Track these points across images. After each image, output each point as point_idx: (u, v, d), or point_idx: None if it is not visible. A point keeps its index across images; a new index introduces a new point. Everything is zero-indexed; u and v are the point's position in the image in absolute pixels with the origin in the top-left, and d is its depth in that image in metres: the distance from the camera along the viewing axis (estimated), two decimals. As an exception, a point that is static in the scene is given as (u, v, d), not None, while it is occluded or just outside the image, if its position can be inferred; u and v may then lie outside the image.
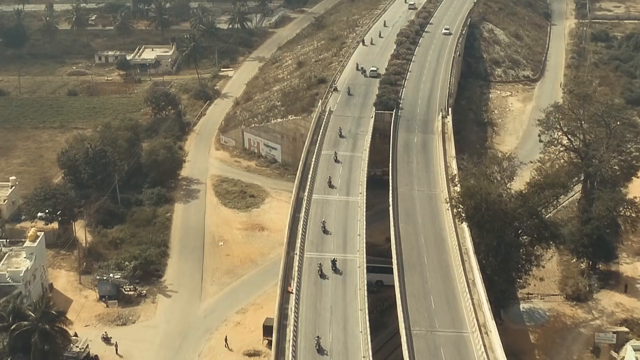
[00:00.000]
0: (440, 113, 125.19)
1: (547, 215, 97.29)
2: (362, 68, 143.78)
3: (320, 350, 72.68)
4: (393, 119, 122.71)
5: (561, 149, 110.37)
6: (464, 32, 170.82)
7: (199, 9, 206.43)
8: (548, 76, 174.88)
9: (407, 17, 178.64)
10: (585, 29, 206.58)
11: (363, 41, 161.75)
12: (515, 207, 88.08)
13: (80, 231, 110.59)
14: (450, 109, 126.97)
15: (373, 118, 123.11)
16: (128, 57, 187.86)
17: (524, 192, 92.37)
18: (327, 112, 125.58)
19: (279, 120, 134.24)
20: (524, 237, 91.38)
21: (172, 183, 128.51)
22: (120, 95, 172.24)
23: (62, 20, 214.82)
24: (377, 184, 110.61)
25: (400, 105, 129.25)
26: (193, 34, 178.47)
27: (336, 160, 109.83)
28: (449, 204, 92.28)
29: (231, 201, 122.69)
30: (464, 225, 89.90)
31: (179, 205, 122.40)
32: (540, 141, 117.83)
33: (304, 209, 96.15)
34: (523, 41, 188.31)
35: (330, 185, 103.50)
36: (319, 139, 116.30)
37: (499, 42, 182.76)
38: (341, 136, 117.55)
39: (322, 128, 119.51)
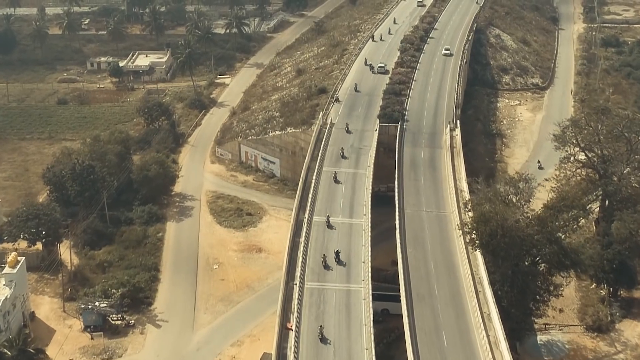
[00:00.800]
0: (448, 125, 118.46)
1: (563, 236, 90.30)
2: (370, 64, 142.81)
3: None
4: (398, 132, 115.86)
5: (578, 165, 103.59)
6: (470, 38, 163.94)
7: (195, 13, 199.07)
8: (558, 84, 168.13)
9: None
10: (594, 33, 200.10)
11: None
12: (533, 233, 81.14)
13: (66, 252, 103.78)
14: (458, 121, 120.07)
15: (377, 131, 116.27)
16: (121, 64, 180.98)
17: (541, 214, 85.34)
18: (328, 125, 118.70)
19: (277, 132, 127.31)
20: (542, 264, 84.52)
21: (164, 200, 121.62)
22: (112, 103, 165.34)
23: (53, 25, 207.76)
24: (382, 201, 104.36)
25: (406, 117, 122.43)
26: (188, 40, 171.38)
27: (336, 181, 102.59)
28: (460, 229, 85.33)
29: (227, 219, 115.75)
30: (478, 252, 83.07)
31: (171, 224, 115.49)
32: (541, 168, 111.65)
33: (304, 233, 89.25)
34: (531, 47, 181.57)
35: (332, 206, 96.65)
36: (319, 154, 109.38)
37: (506, 48, 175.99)
38: (343, 155, 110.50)
39: (323, 142, 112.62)
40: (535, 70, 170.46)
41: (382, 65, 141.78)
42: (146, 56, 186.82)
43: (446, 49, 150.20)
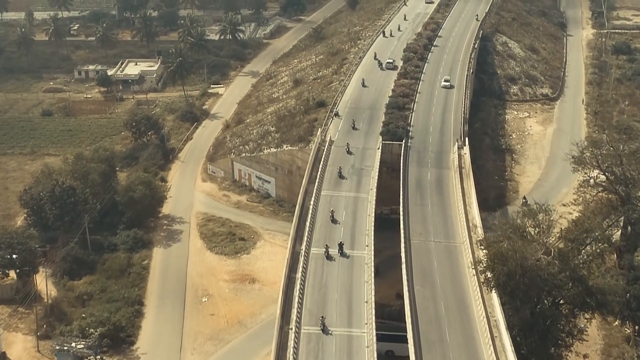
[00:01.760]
0: (456, 143, 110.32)
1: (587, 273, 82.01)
2: (379, 60, 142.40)
3: None
4: (402, 150, 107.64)
5: (598, 189, 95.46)
6: (476, 45, 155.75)
7: (188, 19, 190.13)
8: (568, 94, 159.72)
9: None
10: (604, 40, 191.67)
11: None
12: (556, 272, 72.88)
13: (43, 283, 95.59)
14: (466, 138, 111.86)
15: (380, 150, 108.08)
16: (109, 73, 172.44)
17: (562, 249, 77.06)
18: (327, 143, 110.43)
19: (272, 150, 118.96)
20: (564, 305, 76.32)
21: (151, 222, 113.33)
22: (99, 115, 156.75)
23: (40, 31, 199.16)
24: (385, 224, 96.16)
25: (410, 133, 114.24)
26: (179, 48, 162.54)
27: (336, 207, 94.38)
28: (474, 268, 77.15)
29: (218, 245, 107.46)
30: (493, 292, 74.84)
31: (158, 249, 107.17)
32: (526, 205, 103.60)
33: (300, 269, 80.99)
34: (539, 55, 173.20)
35: (332, 236, 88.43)
36: (318, 175, 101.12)
37: (513, 57, 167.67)
38: (343, 177, 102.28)
39: (321, 163, 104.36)
40: (545, 79, 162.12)
41: (391, 61, 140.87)
42: (136, 64, 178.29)
43: (445, 81, 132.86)
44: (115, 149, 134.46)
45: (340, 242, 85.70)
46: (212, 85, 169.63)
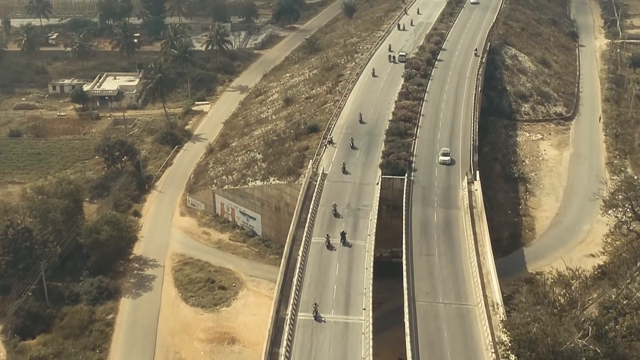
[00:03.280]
0: (465, 177, 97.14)
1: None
2: (391, 51, 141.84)
3: None
4: (405, 186, 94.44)
5: (633, 236, 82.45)
6: (483, 60, 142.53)
7: (171, 29, 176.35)
8: (584, 113, 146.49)
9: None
10: (618, 51, 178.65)
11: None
12: (593, 357, 59.64)
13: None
14: (477, 172, 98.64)
15: (379, 185, 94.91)
16: (85, 88, 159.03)
17: (598, 321, 63.85)
18: (319, 177, 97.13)
19: (258, 183, 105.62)
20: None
21: (120, 266, 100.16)
22: (72, 136, 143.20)
23: (12, 41, 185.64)
24: (385, 270, 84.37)
25: (413, 165, 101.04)
26: (159, 63, 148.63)
27: (329, 257, 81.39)
28: (493, 349, 63.97)
29: (194, 295, 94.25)
30: (518, 378, 61.66)
31: (126, 300, 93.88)
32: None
33: (285, 342, 67.73)
34: (551, 68, 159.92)
35: (323, 297, 75.28)
36: (308, 218, 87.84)
37: (524, 71, 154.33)
38: (336, 214, 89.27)
39: (312, 201, 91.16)
40: (558, 96, 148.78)
41: (404, 54, 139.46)
42: (115, 78, 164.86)
43: (444, 154, 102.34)
44: (86, 177, 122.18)
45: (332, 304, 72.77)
46: (196, 102, 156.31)
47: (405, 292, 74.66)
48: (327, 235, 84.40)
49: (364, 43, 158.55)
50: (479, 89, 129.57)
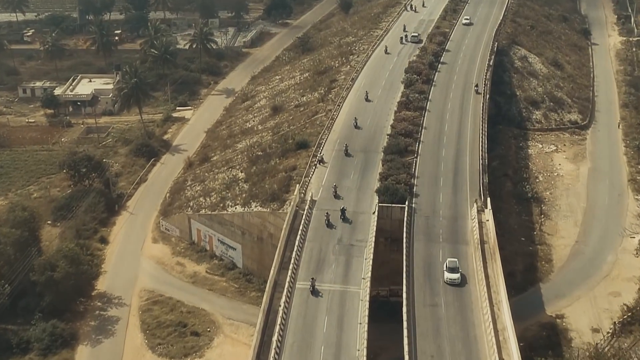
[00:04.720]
0: (475, 204, 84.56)
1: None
2: (405, 33, 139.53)
3: None
4: (405, 217, 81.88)
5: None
6: (491, 62, 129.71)
7: (151, 27, 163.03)
8: (600, 120, 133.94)
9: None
10: (635, 50, 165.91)
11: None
12: None
13: None
14: (488, 198, 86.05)
15: (376, 214, 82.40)
16: (57, 92, 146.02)
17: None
18: (307, 204, 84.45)
19: (239, 209, 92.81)
20: None
21: (80, 306, 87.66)
22: (40, 146, 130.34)
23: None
24: (382, 311, 74.17)
25: (415, 189, 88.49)
26: (135, 67, 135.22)
27: (315, 308, 69.10)
28: None
29: (163, 342, 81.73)
30: None
31: (83, 349, 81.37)
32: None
33: None
34: (564, 71, 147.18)
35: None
36: (292, 257, 75.37)
37: (535, 74, 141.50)
38: (324, 256, 76.84)
39: (298, 236, 78.59)
40: (572, 102, 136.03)
41: (416, 34, 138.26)
42: (90, 81, 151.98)
43: (451, 269, 73.37)
44: (51, 195, 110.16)
45: None
46: (178, 108, 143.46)
47: (407, 357, 62.26)
48: (312, 278, 72.13)
49: (361, 43, 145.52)
50: (487, 95, 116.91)
